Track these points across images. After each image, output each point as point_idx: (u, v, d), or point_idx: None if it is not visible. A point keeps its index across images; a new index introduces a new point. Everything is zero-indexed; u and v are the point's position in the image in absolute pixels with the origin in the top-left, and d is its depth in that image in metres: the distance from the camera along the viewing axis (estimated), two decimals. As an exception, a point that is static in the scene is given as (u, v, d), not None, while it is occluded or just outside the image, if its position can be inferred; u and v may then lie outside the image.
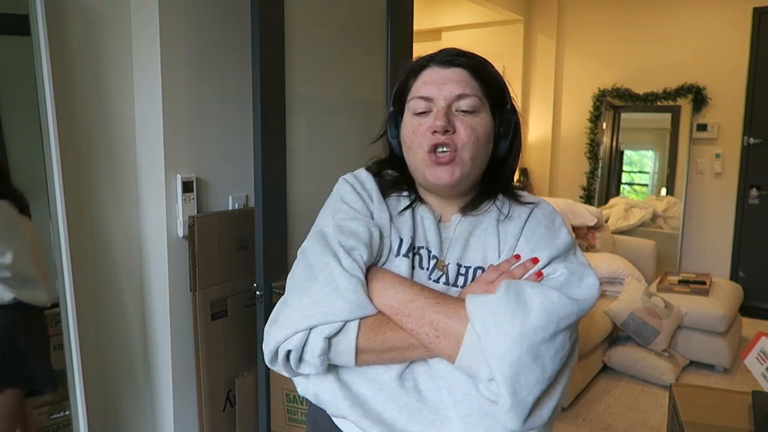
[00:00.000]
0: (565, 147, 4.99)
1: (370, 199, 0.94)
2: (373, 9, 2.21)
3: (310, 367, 0.83)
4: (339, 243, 0.86)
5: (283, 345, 0.82)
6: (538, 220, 0.93)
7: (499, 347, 0.76)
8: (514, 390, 0.76)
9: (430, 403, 0.83)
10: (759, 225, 4.27)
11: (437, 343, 0.80)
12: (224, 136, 1.89)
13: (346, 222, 0.89)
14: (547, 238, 0.89)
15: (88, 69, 1.68)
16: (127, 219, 1.79)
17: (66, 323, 1.56)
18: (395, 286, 0.84)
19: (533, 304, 0.78)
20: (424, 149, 0.89)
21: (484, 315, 0.78)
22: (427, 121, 0.90)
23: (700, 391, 1.87)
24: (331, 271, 0.83)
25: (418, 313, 0.81)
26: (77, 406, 1.57)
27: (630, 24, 4.58)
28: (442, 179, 0.89)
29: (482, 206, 0.94)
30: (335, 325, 0.80)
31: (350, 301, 0.81)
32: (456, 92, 0.90)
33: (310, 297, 0.82)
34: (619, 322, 3.24)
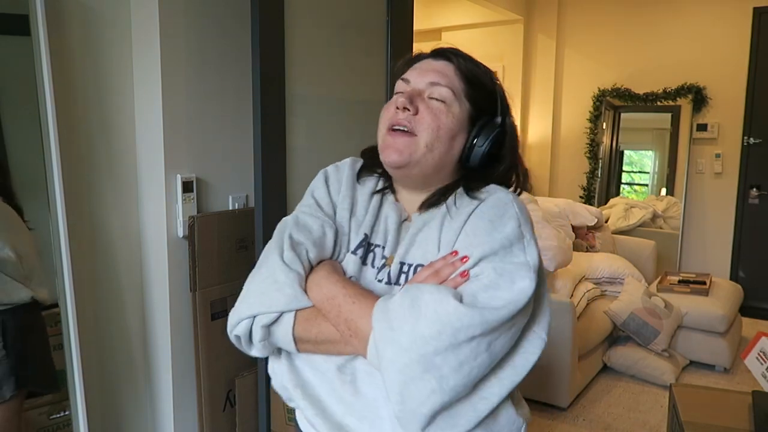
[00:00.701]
0: (565, 147, 4.98)
1: (337, 192, 0.96)
2: (373, 9, 2.21)
3: (257, 351, 0.89)
4: (288, 236, 0.90)
5: (234, 330, 0.88)
6: (482, 212, 0.85)
7: (388, 352, 0.75)
8: (402, 398, 0.74)
9: (364, 399, 0.82)
10: (759, 225, 4.26)
11: (351, 342, 0.82)
12: (224, 136, 1.89)
13: (304, 216, 0.93)
14: (485, 234, 0.82)
15: (88, 69, 1.68)
16: (127, 219, 1.79)
17: (66, 323, 1.56)
18: (321, 282, 0.86)
19: (426, 312, 0.74)
20: (385, 126, 0.90)
21: (382, 318, 0.77)
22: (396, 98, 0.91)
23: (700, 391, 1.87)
24: (273, 262, 0.87)
25: (335, 311, 0.83)
26: (77, 406, 1.57)
27: (630, 24, 4.58)
28: (390, 156, 0.88)
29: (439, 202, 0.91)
30: (272, 315, 0.85)
31: (286, 294, 0.84)
32: (431, 79, 0.90)
33: (255, 286, 0.88)
34: (619, 322, 3.24)
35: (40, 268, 1.61)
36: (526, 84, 5.02)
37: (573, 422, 2.74)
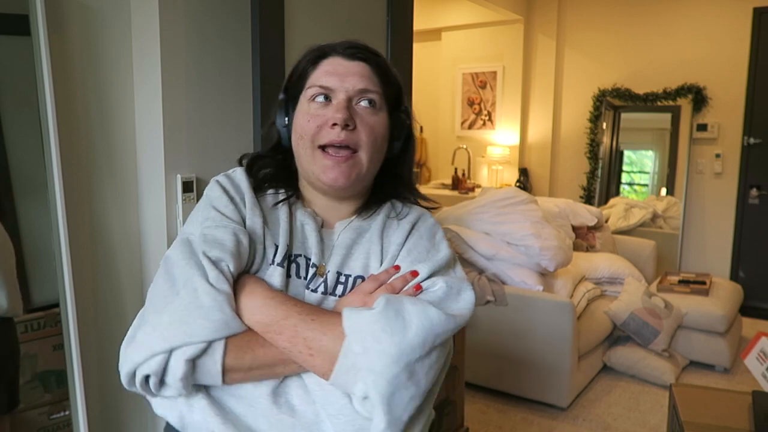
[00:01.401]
0: (565, 147, 4.99)
1: (242, 203, 0.87)
2: (373, 9, 2.21)
3: (171, 390, 0.77)
4: (203, 254, 0.79)
5: (141, 368, 0.76)
6: (420, 233, 0.91)
7: (376, 365, 0.74)
8: (389, 408, 0.75)
9: (303, 419, 0.79)
10: (759, 225, 4.27)
11: (311, 361, 0.78)
12: (224, 136, 1.89)
13: (211, 230, 0.82)
14: (427, 252, 0.88)
15: (88, 69, 1.68)
16: (127, 219, 1.79)
17: (66, 323, 1.55)
18: (266, 302, 0.79)
19: (412, 322, 0.76)
20: (318, 142, 0.85)
21: (362, 332, 0.76)
22: (326, 112, 0.85)
23: (700, 391, 1.87)
24: (194, 286, 0.76)
25: (290, 331, 0.77)
26: (77, 406, 1.57)
27: (630, 24, 4.58)
28: (338, 181, 0.85)
29: (373, 211, 0.92)
30: (198, 346, 0.75)
31: (214, 320, 0.75)
32: (359, 86, 0.86)
33: (170, 315, 0.76)
34: (619, 322, 3.24)
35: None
36: (526, 84, 5.02)
37: (573, 422, 2.74)
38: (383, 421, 0.75)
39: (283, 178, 0.92)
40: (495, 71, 5.06)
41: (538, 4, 4.92)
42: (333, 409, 0.79)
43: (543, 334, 2.79)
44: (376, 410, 0.75)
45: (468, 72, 5.19)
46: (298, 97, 0.90)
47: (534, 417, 2.78)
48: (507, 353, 2.89)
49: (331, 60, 0.88)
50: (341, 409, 0.78)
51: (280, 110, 0.91)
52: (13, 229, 1.59)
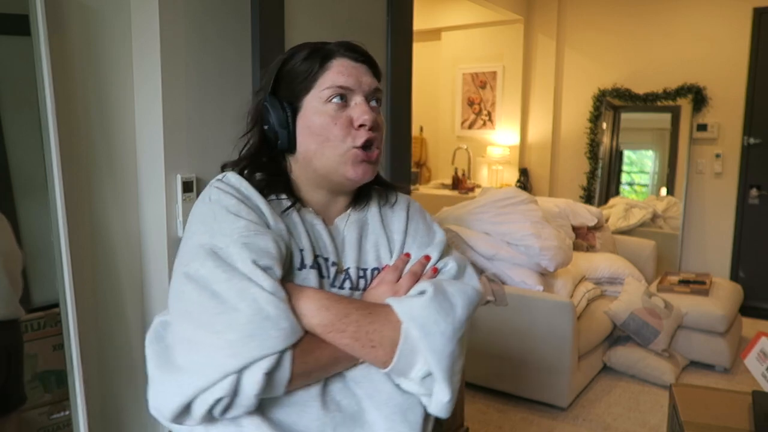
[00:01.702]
0: (565, 147, 4.99)
1: (258, 209, 0.85)
2: (373, 9, 2.21)
3: (239, 410, 0.75)
4: (253, 263, 0.77)
5: (208, 393, 0.72)
6: (415, 217, 0.98)
7: (438, 345, 0.81)
8: (451, 381, 0.83)
9: (349, 412, 0.83)
10: (759, 225, 4.27)
11: (372, 353, 0.81)
12: (224, 136, 1.89)
13: (251, 239, 0.79)
14: (427, 235, 0.96)
15: (88, 69, 1.68)
16: (127, 219, 1.79)
17: (66, 323, 1.56)
18: (324, 302, 0.81)
19: (457, 302, 0.85)
20: (349, 143, 0.86)
21: (420, 318, 0.82)
22: (349, 113, 0.87)
23: (700, 391, 1.87)
24: (254, 297, 0.74)
25: (353, 327, 0.80)
26: (77, 406, 1.57)
27: (630, 24, 4.58)
28: (366, 177, 0.89)
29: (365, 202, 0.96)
30: (273, 358, 0.74)
31: (283, 328, 0.75)
32: (373, 86, 0.90)
33: (238, 331, 0.73)
34: (619, 322, 3.24)
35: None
36: (526, 84, 5.02)
37: (573, 422, 2.74)
38: (447, 393, 0.82)
39: (280, 182, 0.91)
40: (495, 71, 5.06)
41: (538, 4, 4.92)
42: (381, 398, 0.84)
43: (543, 334, 2.79)
44: (439, 385, 0.82)
45: (468, 72, 5.19)
46: (299, 98, 0.89)
47: (534, 417, 2.78)
48: (507, 353, 2.89)
49: (340, 61, 0.88)
50: (390, 394, 0.84)
51: (274, 111, 0.89)
52: (13, 229, 1.59)
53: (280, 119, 0.89)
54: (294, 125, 0.89)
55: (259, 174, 0.91)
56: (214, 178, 0.90)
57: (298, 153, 0.90)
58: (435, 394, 0.83)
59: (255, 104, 0.95)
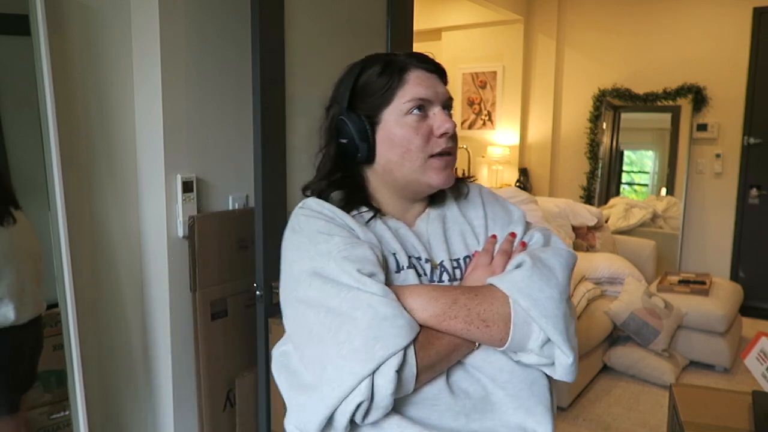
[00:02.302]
0: (565, 147, 4.99)
1: (346, 225, 0.89)
2: (373, 9, 2.21)
3: (379, 412, 0.77)
4: (358, 272, 0.80)
5: (348, 401, 0.75)
6: (489, 200, 1.01)
7: (549, 310, 0.82)
8: (570, 343, 0.83)
9: (477, 397, 0.85)
10: (759, 225, 4.27)
11: (488, 333, 0.83)
12: (224, 136, 1.89)
13: (350, 251, 0.83)
14: (506, 214, 0.99)
15: (88, 69, 1.68)
16: (127, 219, 1.79)
17: (66, 323, 1.56)
18: (431, 293, 0.83)
19: (555, 265, 0.87)
20: (427, 152, 0.90)
21: (525, 288, 0.83)
22: (430, 123, 0.91)
23: (700, 391, 1.87)
24: (368, 303, 0.78)
25: (464, 312, 0.82)
26: (77, 406, 1.57)
27: (630, 24, 4.58)
28: (448, 182, 0.93)
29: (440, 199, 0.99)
30: (399, 355, 0.76)
31: (401, 326, 0.77)
32: (447, 95, 0.93)
33: (361, 337, 0.76)
34: (619, 322, 3.24)
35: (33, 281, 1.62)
36: (526, 84, 5.02)
37: (573, 422, 2.74)
38: (570, 355, 0.83)
39: (358, 196, 0.94)
40: (495, 71, 5.06)
41: (538, 4, 4.92)
42: (504, 376, 0.85)
43: (543, 334, 2.78)
44: (560, 348, 0.83)
45: (468, 72, 5.19)
46: (378, 112, 0.92)
47: (534, 417, 2.78)
48: (507, 353, 2.88)
49: (416, 73, 0.91)
50: (512, 372, 0.86)
51: (353, 125, 0.92)
52: (13, 229, 1.59)
53: (361, 133, 0.92)
54: (374, 138, 0.92)
55: (337, 192, 0.95)
56: (297, 207, 0.94)
57: (377, 164, 0.93)
58: (557, 358, 0.84)
59: (329, 120, 0.97)
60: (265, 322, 1.71)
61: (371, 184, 0.96)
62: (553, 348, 0.84)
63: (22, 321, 1.55)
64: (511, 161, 5.07)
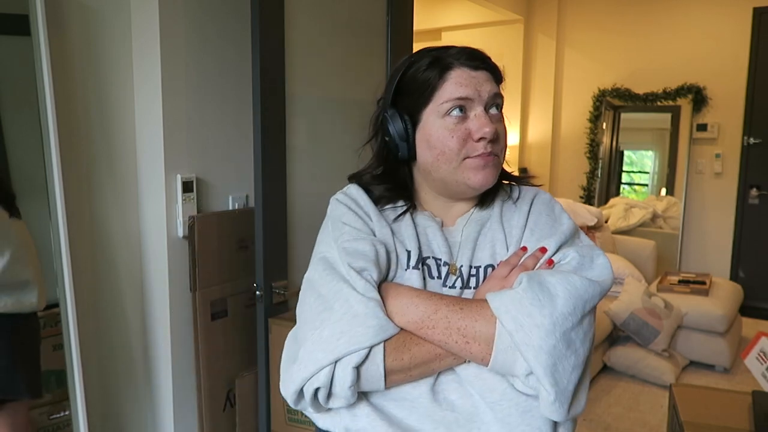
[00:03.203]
0: (565, 147, 4.99)
1: (368, 217, 0.91)
2: (373, 9, 2.21)
3: (340, 401, 0.80)
4: (348, 266, 0.82)
5: (309, 383, 0.79)
6: (539, 210, 0.93)
7: (533, 339, 0.75)
8: (555, 380, 0.76)
9: (464, 412, 0.81)
10: (759, 225, 4.27)
11: (467, 349, 0.79)
12: (224, 136, 1.89)
13: (350, 243, 0.85)
14: (550, 227, 0.90)
15: (88, 69, 1.68)
16: (127, 219, 1.79)
17: (66, 323, 1.56)
18: (413, 299, 0.81)
19: (558, 291, 0.78)
20: (462, 155, 0.86)
21: (512, 310, 0.77)
22: (468, 126, 0.86)
23: (700, 391, 1.87)
24: (346, 297, 0.80)
25: (443, 323, 0.79)
26: (77, 406, 1.57)
27: (630, 24, 4.58)
28: (486, 184, 0.88)
29: (490, 200, 0.95)
30: (361, 353, 0.77)
31: (371, 326, 0.77)
32: (493, 92, 0.88)
33: (330, 328, 0.79)
34: (619, 322, 3.24)
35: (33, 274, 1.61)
36: (526, 84, 5.02)
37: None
38: (551, 393, 0.76)
39: (397, 191, 0.94)
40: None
41: (538, 4, 4.92)
42: (494, 396, 0.80)
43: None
44: (542, 383, 0.76)
45: (468, 72, 5.18)
46: (419, 111, 0.89)
47: (534, 417, 2.78)
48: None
49: (458, 72, 0.87)
50: (503, 394, 0.80)
51: (394, 124, 0.90)
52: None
53: (400, 132, 0.90)
54: (414, 137, 0.90)
55: (380, 186, 0.94)
56: (338, 192, 0.96)
57: (419, 163, 0.92)
58: (539, 392, 0.77)
59: (377, 114, 0.96)
60: (265, 322, 1.71)
61: (416, 181, 0.96)
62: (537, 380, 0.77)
63: (41, 308, 1.56)
64: (511, 161, 5.06)
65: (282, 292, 1.72)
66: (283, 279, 1.75)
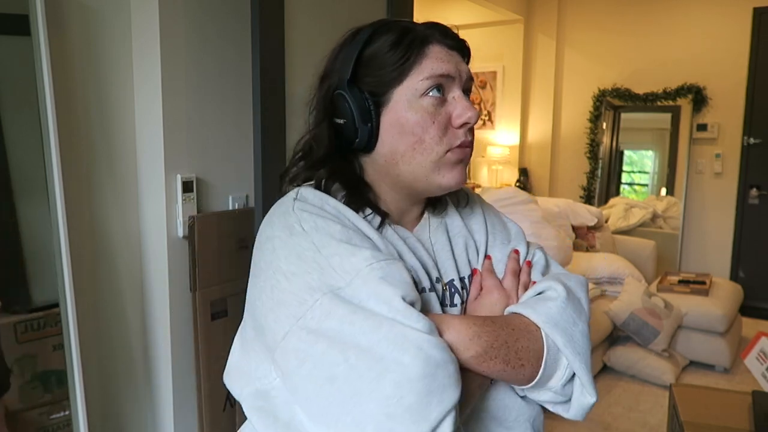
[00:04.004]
0: (565, 147, 4.99)
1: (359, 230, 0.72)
2: (373, 9, 2.21)
3: None
4: (403, 300, 0.63)
5: None
6: (489, 212, 0.89)
7: (580, 346, 0.75)
8: (593, 381, 0.76)
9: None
10: (759, 225, 4.27)
11: (522, 373, 0.71)
12: (224, 136, 1.89)
13: (385, 270, 0.66)
14: (503, 227, 0.88)
15: (88, 69, 1.68)
16: (127, 219, 1.79)
17: (66, 323, 1.56)
18: (474, 329, 0.69)
19: (582, 296, 0.80)
20: (445, 146, 0.73)
21: (562, 322, 0.74)
22: (447, 109, 0.74)
23: (700, 391, 1.87)
24: (418, 344, 0.61)
25: (503, 351, 0.70)
26: (77, 406, 1.57)
27: (630, 24, 4.58)
28: (461, 182, 0.77)
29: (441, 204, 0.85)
30: (454, 413, 0.62)
31: (452, 374, 0.62)
32: (469, 75, 0.77)
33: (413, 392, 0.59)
34: (619, 322, 3.24)
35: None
36: (526, 84, 5.02)
37: (573, 422, 2.74)
38: (594, 395, 0.75)
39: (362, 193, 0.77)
40: (495, 71, 5.06)
41: (538, 4, 4.92)
42: (512, 415, 0.77)
43: (543, 334, 2.78)
44: (585, 388, 0.75)
45: (468, 72, 5.19)
46: (387, 90, 0.74)
47: (534, 417, 2.78)
48: (507, 353, 2.88)
49: (437, 48, 0.75)
50: (519, 410, 0.78)
51: (355, 103, 0.74)
52: (13, 229, 1.59)
53: (363, 113, 0.73)
54: (378, 121, 0.74)
55: (335, 185, 0.76)
56: (287, 197, 0.76)
57: (378, 154, 0.76)
58: (578, 398, 0.75)
59: (324, 92, 0.79)
60: (265, 322, 1.70)
61: (368, 177, 0.79)
62: (572, 386, 0.75)
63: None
64: (511, 161, 5.07)
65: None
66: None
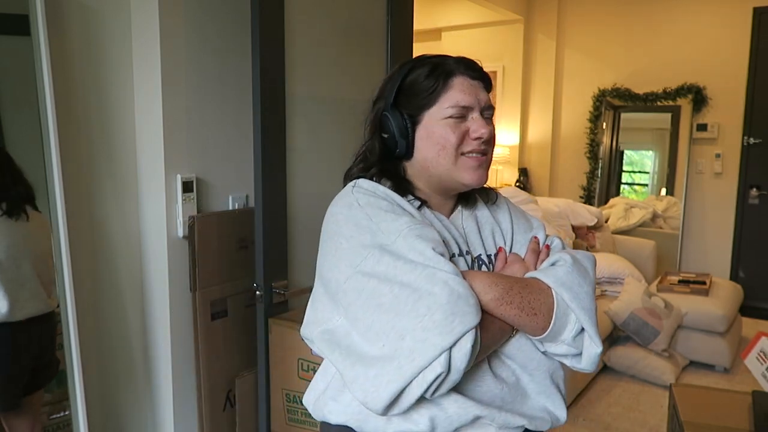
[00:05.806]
0: (565, 147, 4.99)
1: (401, 207, 0.93)
2: (372, 9, 2.21)
3: (448, 385, 0.81)
4: (433, 250, 0.84)
5: (426, 372, 0.78)
6: (514, 209, 1.10)
7: (587, 303, 0.93)
8: (599, 334, 0.95)
9: (509, 383, 0.93)
10: (759, 225, 4.27)
11: (535, 321, 0.90)
12: (224, 136, 1.89)
13: (420, 230, 0.87)
14: (526, 220, 1.09)
15: (88, 69, 1.68)
16: (127, 219, 1.79)
17: (66, 323, 1.56)
18: (492, 279, 0.89)
19: (588, 265, 0.98)
20: (462, 150, 0.95)
21: (569, 283, 0.92)
22: (465, 125, 0.95)
23: (700, 391, 1.87)
24: (444, 280, 0.81)
25: (518, 299, 0.89)
26: (77, 406, 1.57)
27: (630, 24, 4.58)
28: (481, 181, 0.97)
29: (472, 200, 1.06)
30: (474, 332, 0.80)
31: (474, 304, 0.82)
32: (488, 102, 0.99)
33: (441, 311, 0.79)
34: (619, 322, 3.24)
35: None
36: (526, 84, 5.02)
37: (573, 422, 2.74)
38: (599, 345, 0.95)
39: (404, 186, 0.99)
40: (495, 71, 5.06)
41: (538, 4, 4.91)
42: (533, 364, 0.95)
43: (543, 334, 2.78)
44: (592, 338, 0.94)
45: (468, 72, 5.18)
46: (420, 112, 0.96)
47: (534, 417, 2.78)
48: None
49: (460, 80, 0.96)
50: (540, 361, 0.96)
51: (395, 122, 0.97)
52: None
53: (401, 129, 0.97)
54: (413, 135, 0.97)
55: (385, 179, 0.99)
56: (348, 186, 0.97)
57: (415, 160, 0.98)
58: (587, 348, 0.94)
59: (374, 113, 1.01)
60: (265, 322, 1.71)
61: (409, 177, 1.01)
62: (582, 339, 0.94)
63: (18, 318, 1.54)
64: (511, 161, 5.07)
65: (282, 292, 1.72)
66: (283, 279, 1.75)
